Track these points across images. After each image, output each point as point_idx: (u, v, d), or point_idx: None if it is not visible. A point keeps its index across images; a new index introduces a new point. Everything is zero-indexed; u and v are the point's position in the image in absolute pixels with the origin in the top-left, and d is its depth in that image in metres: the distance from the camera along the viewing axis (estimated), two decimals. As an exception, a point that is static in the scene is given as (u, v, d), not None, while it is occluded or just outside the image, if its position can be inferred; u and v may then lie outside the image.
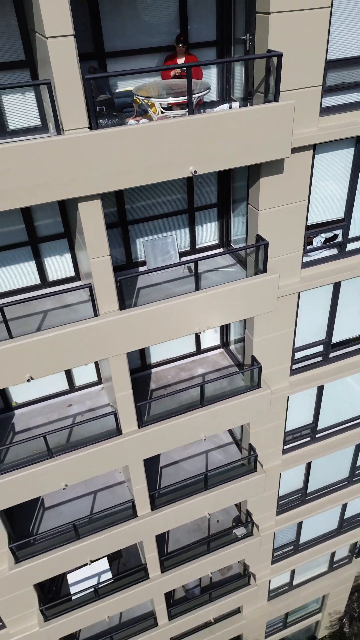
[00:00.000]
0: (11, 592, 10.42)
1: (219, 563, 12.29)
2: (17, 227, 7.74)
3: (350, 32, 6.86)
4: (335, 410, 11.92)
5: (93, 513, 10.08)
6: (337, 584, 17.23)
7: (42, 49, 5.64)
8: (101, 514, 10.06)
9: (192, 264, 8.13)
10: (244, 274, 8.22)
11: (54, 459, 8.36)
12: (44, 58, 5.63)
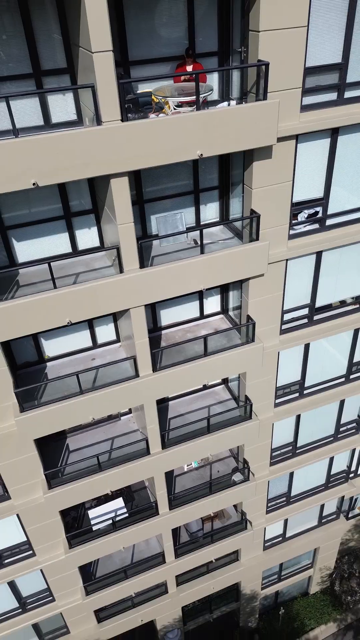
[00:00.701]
0: (43, 519, 12.19)
1: (220, 504, 14.07)
2: (55, 206, 9.52)
3: (323, 45, 8.63)
4: (321, 369, 13.69)
5: (112, 448, 11.86)
6: (326, 538, 19.00)
7: (85, 60, 7.41)
8: (120, 450, 11.84)
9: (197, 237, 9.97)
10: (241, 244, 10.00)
11: (84, 394, 10.14)
12: (87, 66, 7.41)
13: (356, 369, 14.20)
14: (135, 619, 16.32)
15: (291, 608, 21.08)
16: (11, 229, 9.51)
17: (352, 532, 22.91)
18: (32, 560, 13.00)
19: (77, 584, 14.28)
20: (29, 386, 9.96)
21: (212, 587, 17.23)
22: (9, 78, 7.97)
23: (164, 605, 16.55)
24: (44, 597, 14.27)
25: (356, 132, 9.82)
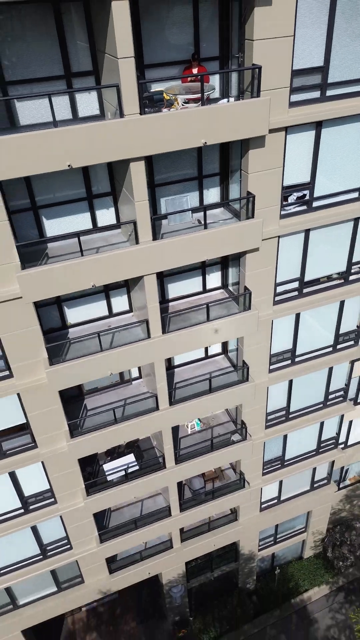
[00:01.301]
0: (65, 468, 13.81)
1: (220, 460, 15.71)
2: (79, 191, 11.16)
3: (307, 52, 10.26)
4: (310, 339, 15.31)
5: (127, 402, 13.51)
6: (318, 502, 20.63)
7: (110, 64, 9.04)
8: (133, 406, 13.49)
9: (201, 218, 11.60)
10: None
11: (103, 352, 11.77)
12: (112, 69, 9.04)
13: (342, 339, 15.82)
14: (144, 571, 17.94)
15: (286, 571, 22.71)
16: (42, 209, 11.14)
17: (343, 502, 24.60)
18: (53, 507, 14.62)
19: (92, 533, 15.89)
20: (58, 342, 11.60)
21: (213, 545, 18.85)
22: (46, 79, 9.60)
23: (169, 559, 18.16)
24: (62, 545, 15.87)
25: (337, 125, 11.45)
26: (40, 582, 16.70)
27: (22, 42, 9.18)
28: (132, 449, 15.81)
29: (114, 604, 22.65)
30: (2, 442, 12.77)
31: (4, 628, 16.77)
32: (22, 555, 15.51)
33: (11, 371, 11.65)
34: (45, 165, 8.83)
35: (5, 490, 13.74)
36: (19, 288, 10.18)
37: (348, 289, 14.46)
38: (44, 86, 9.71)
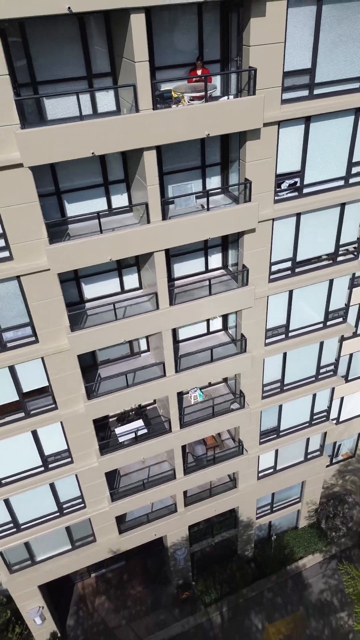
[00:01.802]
0: (81, 429, 15.37)
1: (221, 426, 17.27)
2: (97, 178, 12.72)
3: (296, 55, 11.82)
4: (302, 315, 16.87)
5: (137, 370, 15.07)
6: (312, 472, 22.19)
7: (127, 66, 10.59)
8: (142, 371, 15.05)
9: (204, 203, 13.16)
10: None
11: (118, 320, 13.33)
12: (128, 71, 10.59)
13: (332, 316, 17.38)
14: (150, 532, 19.48)
15: (282, 539, 24.28)
16: (64, 193, 12.70)
17: (336, 477, 26.22)
18: (70, 466, 16.16)
19: (104, 493, 17.43)
20: (78, 311, 13.17)
21: (214, 510, 20.40)
22: (71, 79, 11.17)
23: (173, 522, 19.70)
24: (77, 504, 17.40)
25: (324, 120, 13.00)
26: (56, 539, 18.24)
27: (50, 48, 10.73)
28: (140, 416, 17.36)
29: (121, 571, 24.21)
30: (27, 403, 14.30)
31: (23, 582, 18.31)
32: (41, 512, 17.04)
33: (37, 337, 13.20)
34: (74, 153, 10.40)
35: (28, 449, 15.28)
36: (47, 261, 11.75)
37: (336, 269, 16.02)
38: (69, 85, 11.27)
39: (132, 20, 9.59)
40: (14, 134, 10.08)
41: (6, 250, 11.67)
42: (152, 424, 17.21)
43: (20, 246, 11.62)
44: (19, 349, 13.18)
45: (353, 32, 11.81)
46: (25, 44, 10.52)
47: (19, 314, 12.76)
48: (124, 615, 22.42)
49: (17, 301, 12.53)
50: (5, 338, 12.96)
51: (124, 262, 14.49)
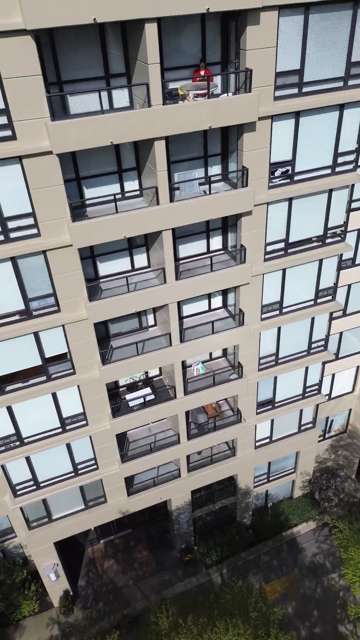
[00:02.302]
0: (96, 393, 17.10)
1: (221, 393, 19.01)
2: (112, 167, 14.46)
3: (287, 58, 13.55)
4: (295, 293, 18.61)
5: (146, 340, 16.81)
6: (305, 443, 23.94)
7: (141, 68, 12.33)
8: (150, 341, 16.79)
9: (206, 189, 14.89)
10: (235, 189, 14.99)
11: (131, 293, 15.08)
12: (142, 72, 12.32)
13: (322, 294, 19.13)
14: (156, 495, 21.23)
15: (278, 507, 26.03)
16: (83, 180, 14.44)
17: (329, 452, 27.97)
18: (85, 429, 17.90)
19: (115, 456, 19.17)
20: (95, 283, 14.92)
21: (215, 476, 22.15)
22: (94, 79, 12.91)
23: (177, 486, 21.45)
24: (90, 465, 19.14)
25: (312, 115, 14.74)
26: (70, 499, 19.97)
27: (74, 51, 12.46)
28: (148, 385, 19.10)
29: (128, 537, 25.95)
30: (49, 367, 16.04)
31: (40, 538, 20.04)
32: (58, 472, 18.77)
33: (59, 307, 14.93)
34: (96, 142, 12.14)
35: (48, 411, 17.01)
36: (70, 237, 13.49)
37: (325, 250, 17.76)
38: (89, 84, 13.01)
39: (147, 28, 11.34)
40: (45, 125, 11.81)
41: (34, 227, 13.40)
42: (158, 392, 18.93)
43: (47, 224, 13.36)
44: (43, 317, 14.91)
45: (335, 38, 13.56)
46: (53, 48, 12.26)
47: (43, 286, 14.48)
48: (130, 576, 24.16)
49: (43, 274, 14.25)
50: (32, 307, 14.68)
51: (134, 243, 16.22)
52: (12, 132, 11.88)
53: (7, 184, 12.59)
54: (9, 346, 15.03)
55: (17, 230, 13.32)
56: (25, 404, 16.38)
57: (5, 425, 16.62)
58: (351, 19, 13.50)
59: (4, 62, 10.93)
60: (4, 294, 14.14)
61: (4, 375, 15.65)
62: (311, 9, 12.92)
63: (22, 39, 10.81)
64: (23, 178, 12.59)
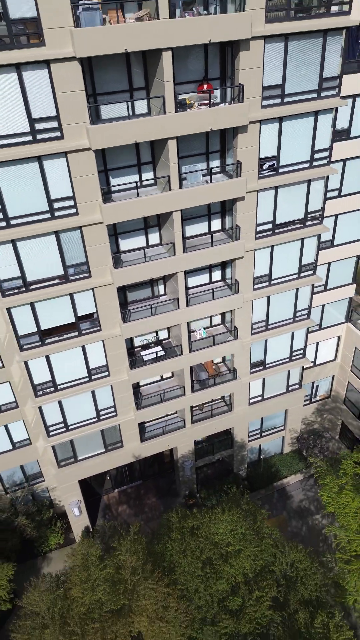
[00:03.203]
0: (117, 349, 20.81)
1: (220, 352, 22.74)
2: (133, 161, 18.19)
3: (271, 75, 17.27)
4: (281, 268, 22.33)
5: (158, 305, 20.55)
6: (292, 402, 27.66)
7: (158, 83, 16.06)
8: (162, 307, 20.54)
9: (208, 180, 18.63)
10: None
11: (147, 262, 18.81)
12: (159, 86, 16.05)
13: (304, 269, 22.85)
14: (164, 442, 24.95)
15: (270, 461, 29.76)
16: (110, 171, 18.16)
17: (315, 415, 31.70)
18: (107, 379, 21.61)
19: (131, 404, 22.88)
20: (118, 254, 18.66)
21: (215, 428, 25.87)
22: (121, 92, 16.64)
23: (182, 435, 25.16)
24: (110, 412, 22.85)
25: (292, 120, 18.46)
26: (93, 442, 23.67)
27: (106, 70, 16.18)
28: (159, 345, 22.82)
29: (138, 488, 29.67)
30: (80, 324, 19.74)
31: (67, 475, 23.73)
32: (84, 417, 22.48)
33: (90, 273, 18.64)
34: (123, 140, 15.84)
35: (78, 361, 20.70)
36: (101, 216, 17.21)
37: (305, 230, 21.49)
38: (117, 96, 16.74)
39: (164, 55, 15.07)
40: (86, 128, 15.54)
41: (74, 208, 17.11)
42: (167, 350, 22.65)
43: (83, 205, 17.08)
44: (77, 282, 18.60)
45: (309, 59, 17.30)
46: (91, 69, 15.99)
47: (79, 255, 18.19)
48: (141, 518, 27.88)
49: (79, 246, 17.95)
50: (69, 273, 18.38)
51: (149, 223, 19.93)
52: (60, 133, 15.60)
53: (55, 174, 16.29)
54: (50, 305, 18.73)
55: (61, 210, 17.02)
56: (60, 355, 20.08)
57: (43, 372, 20.31)
58: (322, 44, 17.24)
59: (58, 80, 14.66)
60: (49, 262, 17.84)
61: (46, 330, 19.33)
62: (289, 38, 16.67)
63: (72, 63, 14.54)
64: (67, 169, 16.29)
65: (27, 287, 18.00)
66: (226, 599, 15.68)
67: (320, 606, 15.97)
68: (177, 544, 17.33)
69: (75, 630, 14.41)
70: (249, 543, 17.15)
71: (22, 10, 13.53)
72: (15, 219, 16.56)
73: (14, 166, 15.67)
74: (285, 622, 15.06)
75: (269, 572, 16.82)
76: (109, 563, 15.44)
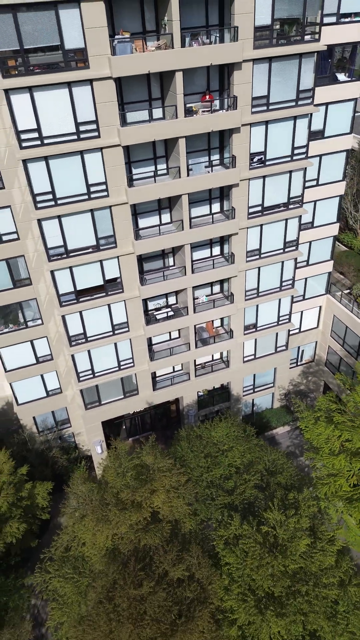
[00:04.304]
0: (136, 309, 25.73)
1: (219, 313, 27.69)
2: (150, 155, 23.15)
3: (259, 88, 22.19)
4: (270, 243, 27.27)
5: (169, 273, 25.51)
6: (280, 362, 32.61)
7: (172, 95, 21.00)
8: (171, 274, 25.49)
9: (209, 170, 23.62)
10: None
11: (161, 236, 23.76)
12: (172, 97, 21.00)
13: (288, 245, 27.81)
14: (172, 392, 29.90)
15: (262, 414, 34.71)
16: (132, 163, 23.11)
17: (301, 377, 36.67)
18: (127, 334, 26.53)
19: (146, 357, 27.81)
20: (139, 229, 23.65)
21: (214, 381, 30.82)
22: (142, 101, 21.60)
23: (187, 386, 30.09)
24: (128, 362, 27.76)
25: (276, 123, 23.42)
26: (114, 389, 28.59)
27: (131, 86, 21.11)
28: (169, 308, 27.77)
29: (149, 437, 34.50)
30: (107, 286, 24.64)
31: (93, 416, 28.64)
32: (107, 366, 27.40)
33: (116, 244, 23.57)
34: (145, 139, 20.79)
35: (104, 318, 25.58)
36: (126, 197, 22.16)
37: (288, 213, 26.45)
38: (139, 105, 21.68)
39: (176, 74, 20.00)
40: (117, 129, 20.47)
41: (106, 191, 22.03)
42: (176, 312, 27.60)
43: (113, 188, 22.01)
44: (106, 251, 23.53)
45: (288, 75, 22.25)
46: (120, 85, 20.92)
47: (108, 229, 23.10)
48: (152, 460, 32.76)
49: (108, 221, 22.87)
50: (100, 243, 23.30)
51: (162, 206, 24.85)
52: (98, 133, 20.52)
53: (93, 165, 21.20)
54: (84, 270, 23.66)
55: (95, 193, 21.95)
56: (90, 311, 25.00)
57: (77, 326, 25.23)
58: (298, 64, 22.18)
59: (98, 94, 19.58)
60: (85, 234, 22.77)
61: (80, 290, 24.25)
62: (272, 60, 21.64)
63: (108, 82, 19.48)
64: (102, 161, 21.21)
65: (68, 254, 22.92)
66: (222, 483, 20.72)
67: (293, 488, 20.92)
68: (185, 444, 22.38)
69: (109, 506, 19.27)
70: (240, 443, 22.20)
71: (74, 43, 18.43)
72: (61, 199, 21.48)
73: (63, 158, 20.59)
74: (267, 498, 19.94)
75: (254, 464, 21.84)
76: (134, 457, 20.41)
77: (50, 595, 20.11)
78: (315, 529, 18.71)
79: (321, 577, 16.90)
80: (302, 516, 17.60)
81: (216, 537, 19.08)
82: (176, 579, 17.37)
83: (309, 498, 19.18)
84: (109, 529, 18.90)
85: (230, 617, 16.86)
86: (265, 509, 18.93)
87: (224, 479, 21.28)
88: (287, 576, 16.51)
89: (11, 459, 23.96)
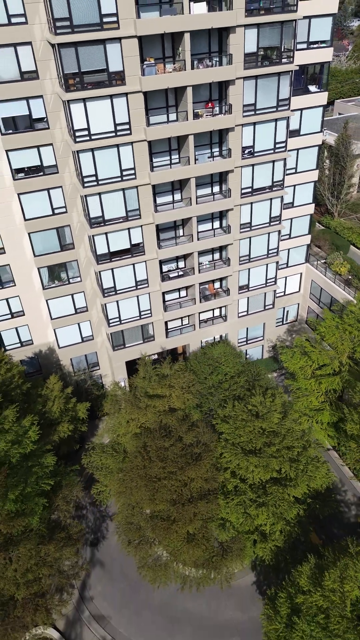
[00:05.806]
0: (154, 268, 33.20)
1: (219, 274, 35.16)
2: (166, 148, 30.66)
3: (249, 97, 29.65)
4: (259, 218, 34.74)
5: (180, 240, 33.02)
6: (268, 318, 40.05)
7: (184, 103, 28.49)
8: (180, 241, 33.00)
9: (211, 159, 31.17)
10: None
11: (174, 210, 31.27)
12: (184, 105, 28.48)
13: (272, 220, 35.27)
14: (181, 339, 37.39)
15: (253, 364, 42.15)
16: (153, 154, 30.60)
17: (286, 334, 44.19)
18: (147, 289, 34.01)
19: (160, 308, 35.26)
20: (157, 205, 31.19)
21: (215, 332, 38.28)
22: (161, 108, 29.11)
23: (193, 335, 37.56)
24: (147, 313, 35.18)
25: (262, 124, 30.88)
26: (135, 335, 36.04)
27: (153, 96, 28.58)
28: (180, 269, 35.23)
29: (161, 382, 42.02)
30: (132, 249, 32.10)
31: (119, 356, 36.07)
32: (131, 315, 34.83)
33: (141, 215, 31.02)
34: (164, 135, 28.27)
35: (129, 275, 33.03)
36: (149, 179, 29.65)
37: (272, 194, 33.94)
38: (160, 110, 29.17)
39: (188, 89, 27.49)
40: (144, 128, 27.95)
41: (134, 175, 29.50)
42: (184, 273, 35.07)
43: (139, 173, 29.48)
44: (133, 221, 30.96)
45: (270, 88, 29.70)
46: (146, 96, 28.38)
47: (135, 205, 30.56)
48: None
49: (135, 198, 30.31)
50: (128, 215, 30.76)
51: (175, 186, 32.34)
52: (130, 132, 27.99)
53: (125, 155, 28.66)
54: (116, 235, 31.12)
55: (127, 176, 29.42)
56: (119, 269, 32.43)
57: (109, 280, 32.71)
58: (277, 80, 29.66)
59: (132, 103, 27.04)
60: (117, 207, 30.23)
61: (112, 252, 31.69)
62: (258, 77, 29.14)
63: (139, 94, 26.96)
64: (132, 152, 28.69)
65: (105, 222, 30.42)
66: (220, 384, 28.40)
67: (270, 388, 28.66)
68: (194, 360, 30.11)
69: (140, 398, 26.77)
70: (233, 358, 29.84)
71: (115, 67, 25.90)
72: (102, 180, 28.96)
73: (104, 150, 28.06)
74: (252, 394, 27.53)
75: (243, 373, 29.48)
76: (157, 367, 28.05)
77: (95, 470, 27.66)
78: (286, 411, 26.32)
79: (287, 436, 24.43)
80: (276, 397, 25.16)
81: (215, 417, 26.72)
82: (188, 444, 24.90)
83: (280, 392, 26.75)
84: (140, 415, 26.46)
85: (225, 466, 24.39)
86: (251, 397, 26.51)
87: (220, 383, 28.92)
88: (264, 435, 24.08)
89: (60, 381, 31.49)
